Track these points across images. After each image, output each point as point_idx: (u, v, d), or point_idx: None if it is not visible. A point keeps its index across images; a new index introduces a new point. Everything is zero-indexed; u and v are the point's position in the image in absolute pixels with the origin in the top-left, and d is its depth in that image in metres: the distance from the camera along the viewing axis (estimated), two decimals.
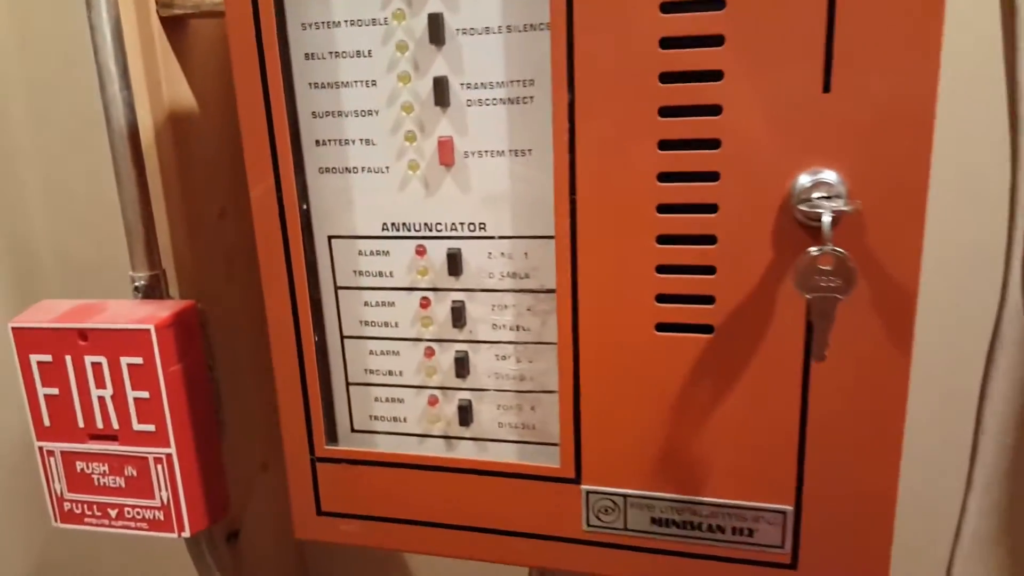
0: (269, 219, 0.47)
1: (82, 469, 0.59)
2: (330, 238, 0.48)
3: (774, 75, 0.37)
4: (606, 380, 0.44)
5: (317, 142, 0.46)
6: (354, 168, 0.46)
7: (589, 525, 0.47)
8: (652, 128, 0.39)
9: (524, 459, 0.48)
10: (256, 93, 0.45)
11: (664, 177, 0.40)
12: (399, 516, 0.50)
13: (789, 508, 0.43)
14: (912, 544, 0.64)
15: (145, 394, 0.56)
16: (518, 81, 0.42)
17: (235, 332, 0.73)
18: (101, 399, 0.57)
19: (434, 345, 0.48)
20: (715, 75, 0.38)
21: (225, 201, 0.71)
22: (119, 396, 0.57)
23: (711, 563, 0.45)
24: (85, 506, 0.60)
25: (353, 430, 0.51)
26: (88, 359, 0.57)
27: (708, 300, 0.41)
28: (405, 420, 0.50)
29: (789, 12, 0.37)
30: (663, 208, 0.40)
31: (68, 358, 0.57)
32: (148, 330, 0.55)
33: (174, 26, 0.63)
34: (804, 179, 0.38)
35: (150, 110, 0.63)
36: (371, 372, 0.50)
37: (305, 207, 0.47)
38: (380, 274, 0.48)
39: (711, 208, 0.40)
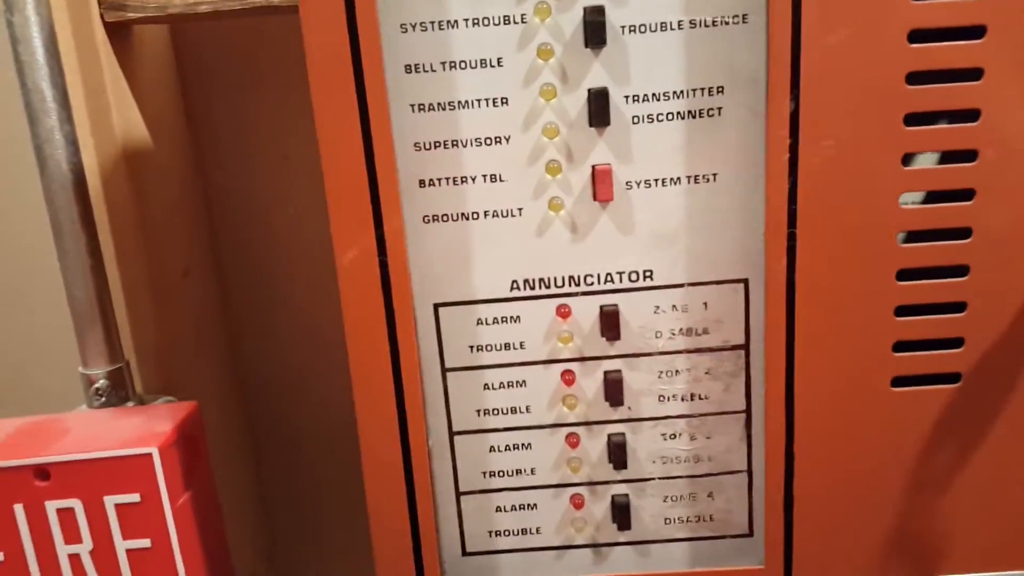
0: (365, 291, 0.34)
1: None
2: (437, 307, 0.36)
3: None
4: (827, 452, 0.35)
5: (421, 182, 0.34)
6: (474, 213, 0.35)
7: None
8: (897, 139, 0.32)
9: (698, 560, 0.39)
10: (348, 121, 0.32)
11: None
12: None
13: None
14: None
15: (145, 543, 0.41)
16: (702, 90, 0.33)
17: (207, 420, 0.57)
18: (75, 558, 0.41)
19: (580, 430, 0.38)
20: (974, 74, 0.31)
21: (189, 256, 0.56)
22: (103, 551, 0.41)
23: None
24: None
25: (465, 553, 0.39)
26: (52, 505, 0.40)
27: (956, 343, 0.34)
28: (539, 531, 0.39)
29: None
30: (909, 236, 0.33)
31: (19, 508, 0.40)
32: (149, 455, 0.40)
33: (118, 33, 0.48)
34: None
35: (95, 148, 0.47)
36: (492, 475, 0.38)
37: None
38: (507, 347, 0.37)
39: (964, 233, 0.33)
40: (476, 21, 0.33)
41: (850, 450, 0.35)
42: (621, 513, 0.38)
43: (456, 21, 0.33)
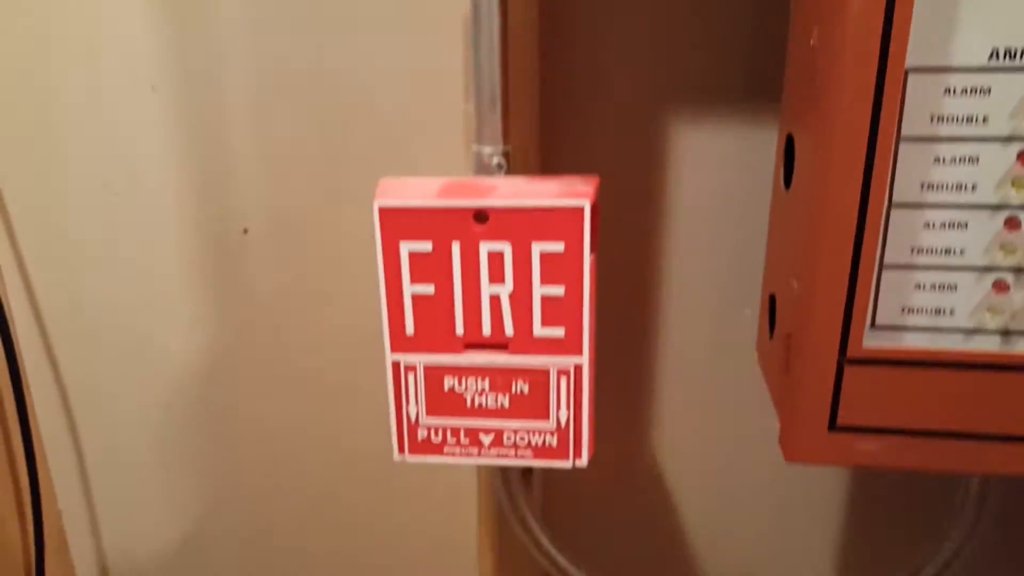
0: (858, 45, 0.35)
1: (452, 387, 0.48)
2: (907, 72, 0.37)
3: None
4: None
5: None
6: None
7: None
8: None
9: None
10: None
11: None
12: (937, 428, 0.41)
13: None
14: None
15: (559, 290, 0.45)
16: None
17: None
18: (494, 299, 0.45)
19: (1022, 214, 0.38)
20: None
21: None
22: (521, 294, 0.45)
23: None
24: (448, 433, 0.49)
25: (874, 326, 0.41)
26: (484, 247, 0.44)
27: None
28: (952, 312, 0.40)
29: None
30: None
31: (456, 246, 0.45)
32: (580, 208, 0.43)
33: None
34: None
35: None
36: (919, 251, 0.39)
37: None
38: (969, 120, 0.37)
39: None
40: None
41: None
42: None
43: None
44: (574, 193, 0.43)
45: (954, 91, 0.37)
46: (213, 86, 0.57)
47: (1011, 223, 0.38)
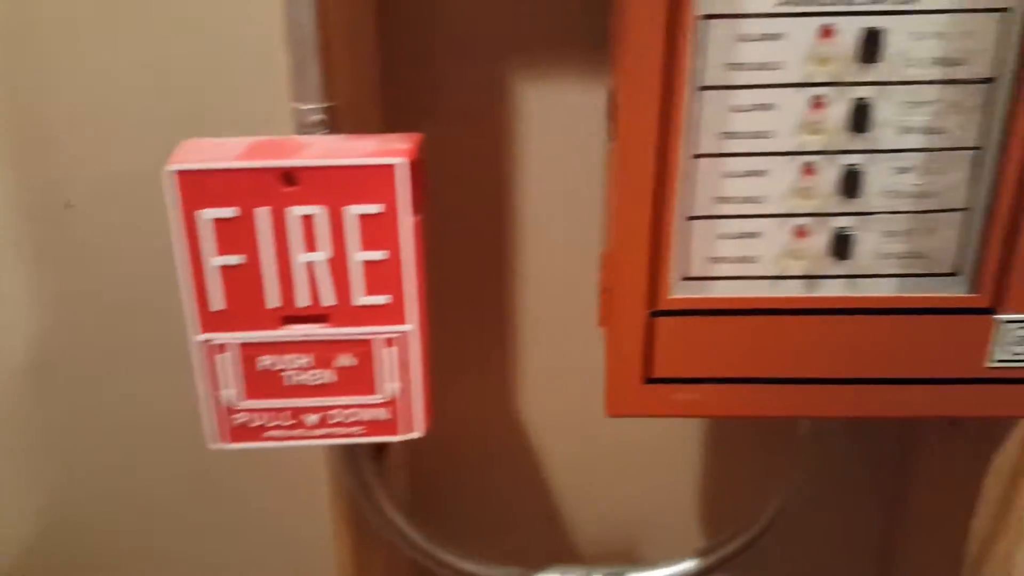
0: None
1: (269, 366, 0.45)
2: (705, 18, 0.37)
3: None
4: None
5: None
6: None
7: (995, 360, 0.41)
8: None
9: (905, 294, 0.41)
10: None
11: None
12: (749, 375, 0.42)
13: None
14: None
15: (380, 254, 0.43)
16: None
17: None
18: (310, 267, 0.43)
19: (818, 159, 0.39)
20: None
21: None
22: (339, 260, 0.43)
23: None
24: (269, 416, 0.46)
25: (685, 278, 0.41)
26: (294, 211, 0.42)
27: None
28: (757, 260, 0.41)
29: None
30: None
31: (263, 212, 0.42)
32: (392, 166, 0.41)
33: None
34: None
35: None
36: (724, 200, 0.40)
37: None
38: (764, 66, 0.38)
39: None
40: None
41: None
42: (841, 245, 0.40)
43: None
44: (390, 151, 0.41)
45: (748, 37, 0.37)
46: (23, 45, 0.52)
47: (807, 169, 0.39)
